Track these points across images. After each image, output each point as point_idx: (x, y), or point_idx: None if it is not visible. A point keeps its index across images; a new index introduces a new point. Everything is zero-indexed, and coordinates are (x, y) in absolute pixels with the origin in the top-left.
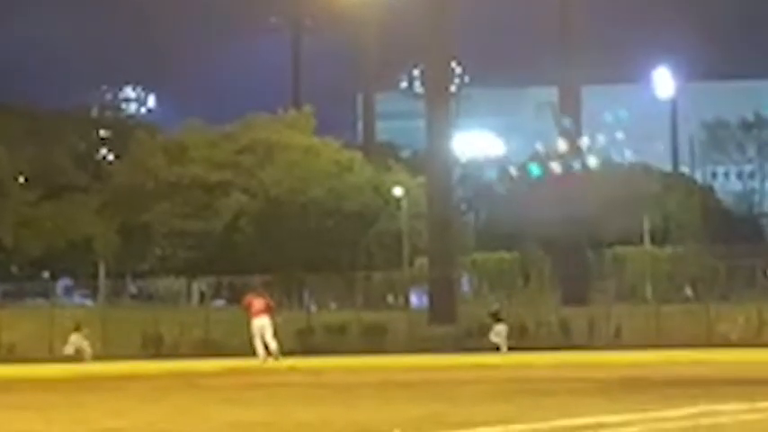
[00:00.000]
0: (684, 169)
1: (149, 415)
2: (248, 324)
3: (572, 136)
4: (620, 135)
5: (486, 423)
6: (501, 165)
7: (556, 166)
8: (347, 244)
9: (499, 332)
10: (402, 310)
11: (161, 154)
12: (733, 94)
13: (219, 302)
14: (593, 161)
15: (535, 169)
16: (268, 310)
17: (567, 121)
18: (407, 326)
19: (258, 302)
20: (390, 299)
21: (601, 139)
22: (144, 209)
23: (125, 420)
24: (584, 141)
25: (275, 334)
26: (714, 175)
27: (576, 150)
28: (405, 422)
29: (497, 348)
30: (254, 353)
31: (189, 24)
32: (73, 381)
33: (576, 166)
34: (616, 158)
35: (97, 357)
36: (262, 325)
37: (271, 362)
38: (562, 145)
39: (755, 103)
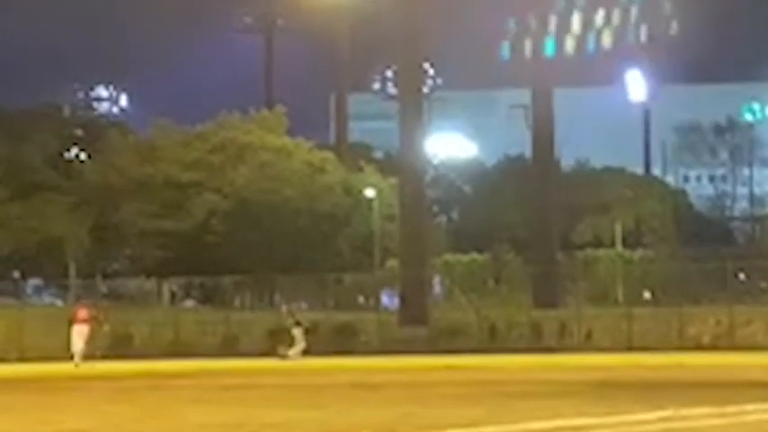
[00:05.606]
0: (657, 172)
1: (118, 416)
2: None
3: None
4: (592, 138)
5: (456, 425)
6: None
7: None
8: (318, 245)
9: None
10: (373, 312)
11: (132, 153)
12: (706, 98)
13: (190, 303)
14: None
15: None
16: (89, 320)
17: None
18: (378, 327)
19: (82, 312)
20: (361, 300)
21: (573, 141)
22: (115, 208)
23: (93, 421)
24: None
25: (88, 342)
26: (686, 178)
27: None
28: (375, 424)
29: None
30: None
31: (161, 24)
32: (42, 381)
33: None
34: (588, 161)
35: (66, 358)
36: (80, 332)
37: (75, 364)
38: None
39: (728, 107)
